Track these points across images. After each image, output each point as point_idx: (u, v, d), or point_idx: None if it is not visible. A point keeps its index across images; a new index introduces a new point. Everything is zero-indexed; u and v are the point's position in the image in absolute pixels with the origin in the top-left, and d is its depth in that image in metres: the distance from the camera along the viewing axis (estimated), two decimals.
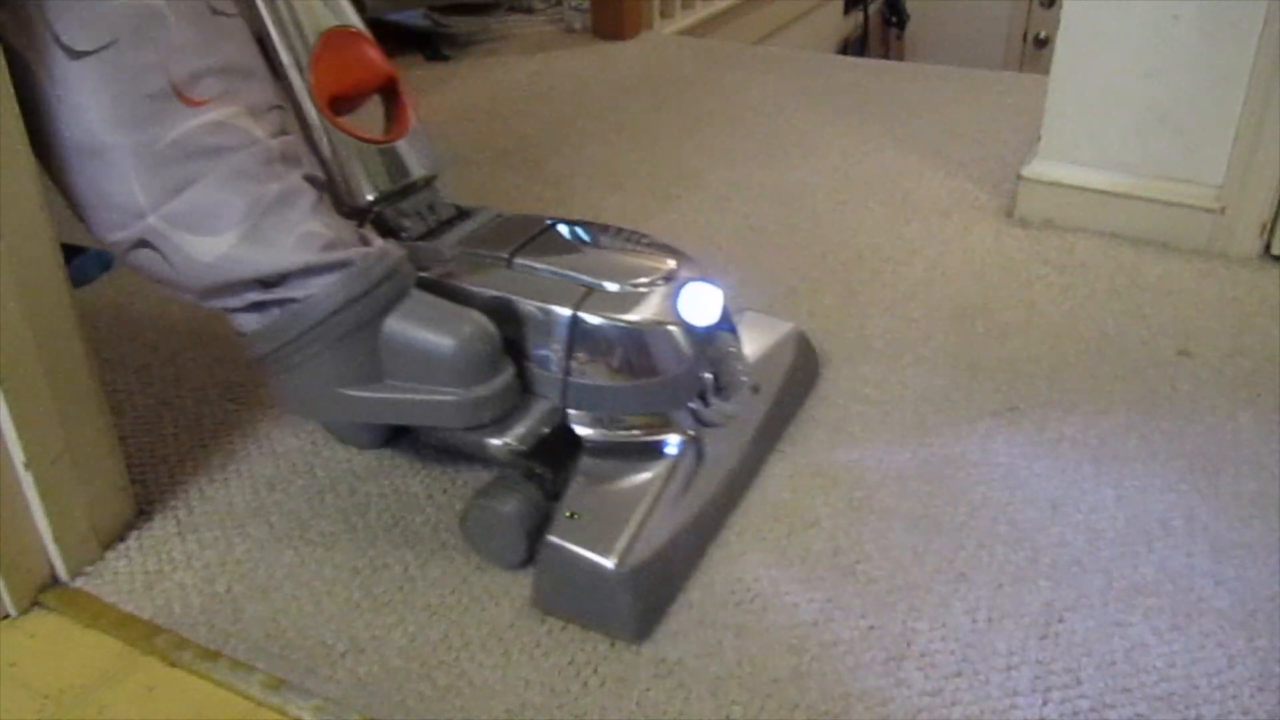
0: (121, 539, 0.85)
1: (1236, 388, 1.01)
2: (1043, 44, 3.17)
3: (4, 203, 0.70)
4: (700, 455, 0.83)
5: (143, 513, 0.87)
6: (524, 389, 0.82)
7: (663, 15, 2.22)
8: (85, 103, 0.71)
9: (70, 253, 0.81)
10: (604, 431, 0.83)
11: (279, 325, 0.77)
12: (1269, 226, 1.21)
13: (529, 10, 2.32)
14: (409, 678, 0.72)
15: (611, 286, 0.81)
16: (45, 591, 0.80)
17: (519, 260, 0.85)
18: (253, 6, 0.82)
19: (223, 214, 0.74)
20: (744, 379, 0.88)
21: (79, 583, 0.81)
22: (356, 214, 0.87)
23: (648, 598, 0.76)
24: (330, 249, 0.77)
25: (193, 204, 0.73)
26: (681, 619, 0.77)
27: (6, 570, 0.77)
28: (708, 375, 0.83)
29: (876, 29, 3.36)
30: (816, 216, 1.37)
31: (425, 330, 0.78)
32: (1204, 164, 1.23)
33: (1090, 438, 0.94)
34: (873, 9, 3.28)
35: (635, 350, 0.80)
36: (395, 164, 0.90)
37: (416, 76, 1.93)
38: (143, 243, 0.75)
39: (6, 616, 0.78)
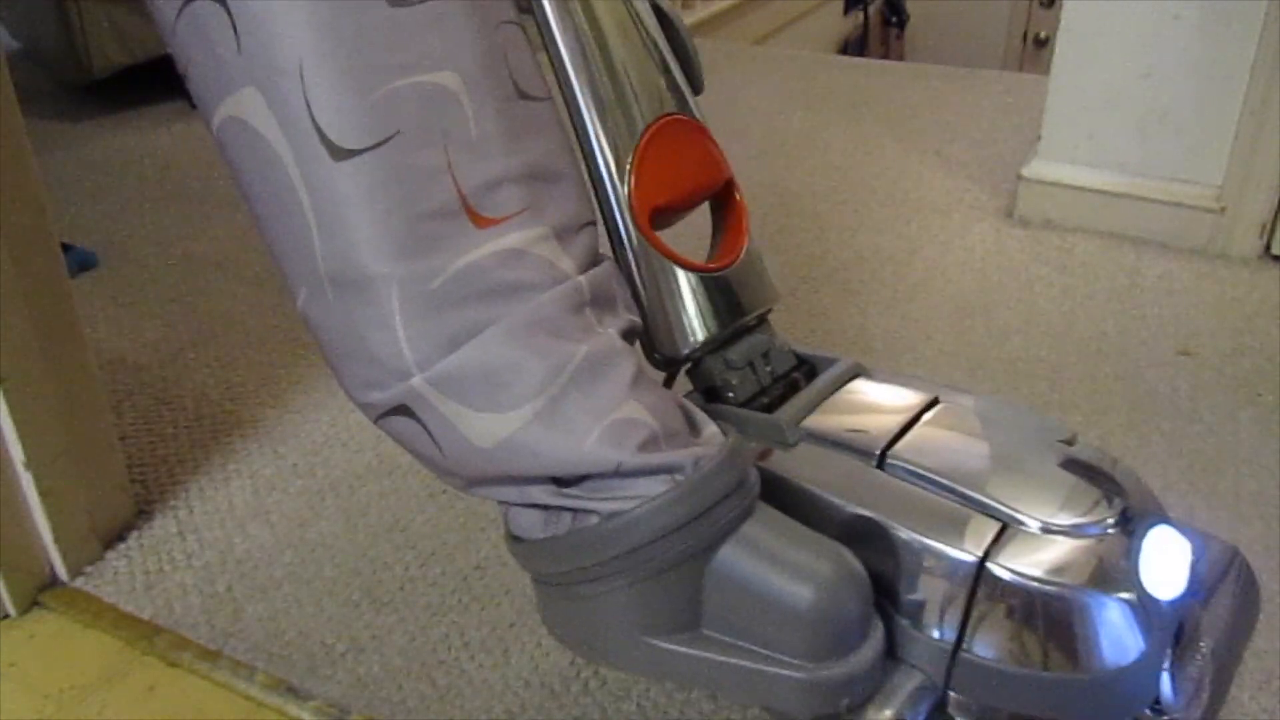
0: (121, 539, 0.85)
1: (1236, 388, 1.01)
2: (1043, 44, 3.17)
3: (4, 203, 0.70)
4: None
5: (143, 513, 0.87)
6: (889, 654, 0.57)
7: None
8: (348, 218, 0.51)
9: None
10: None
11: (573, 544, 0.56)
12: (1269, 226, 1.21)
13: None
14: (409, 678, 0.72)
15: (1033, 523, 0.56)
16: (45, 591, 0.80)
17: (894, 460, 0.59)
18: (564, 84, 0.63)
19: (512, 382, 0.53)
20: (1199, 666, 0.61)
21: (79, 583, 0.81)
22: (669, 365, 0.66)
23: None
24: (652, 447, 0.55)
25: (472, 364, 0.53)
26: None
27: (6, 570, 0.77)
28: (1165, 672, 0.57)
29: (876, 29, 3.35)
30: (816, 216, 1.36)
31: (771, 569, 0.54)
32: (1204, 164, 1.23)
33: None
34: (873, 9, 3.28)
35: (1066, 626, 0.54)
36: (724, 299, 0.66)
37: None
38: (403, 409, 0.55)
39: (6, 616, 0.78)
